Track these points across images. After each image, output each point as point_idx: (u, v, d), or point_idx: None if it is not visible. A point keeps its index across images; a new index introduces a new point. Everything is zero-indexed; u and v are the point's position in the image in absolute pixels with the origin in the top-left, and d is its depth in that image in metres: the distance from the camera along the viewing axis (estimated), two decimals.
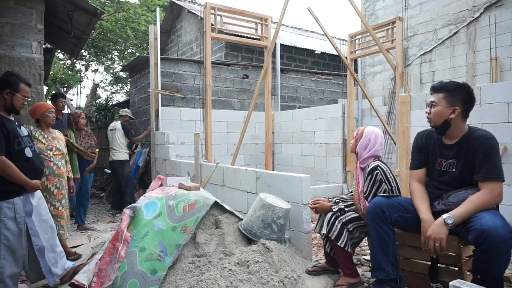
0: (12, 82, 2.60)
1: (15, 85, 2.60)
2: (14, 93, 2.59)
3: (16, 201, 2.53)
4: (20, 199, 2.56)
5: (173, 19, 12.57)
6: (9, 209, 2.49)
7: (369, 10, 9.44)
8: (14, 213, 2.51)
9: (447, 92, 2.18)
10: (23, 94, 2.65)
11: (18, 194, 2.55)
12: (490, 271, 1.83)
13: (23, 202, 2.58)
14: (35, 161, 2.69)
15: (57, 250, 2.86)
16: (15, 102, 2.61)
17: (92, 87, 16.67)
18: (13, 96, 2.59)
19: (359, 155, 2.62)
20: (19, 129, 2.67)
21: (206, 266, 2.54)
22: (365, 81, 9.64)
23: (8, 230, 2.47)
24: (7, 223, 2.47)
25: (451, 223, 1.96)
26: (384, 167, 2.48)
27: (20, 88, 2.62)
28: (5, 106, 2.60)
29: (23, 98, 2.65)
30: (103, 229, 4.91)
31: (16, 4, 4.44)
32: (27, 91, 2.67)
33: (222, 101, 7.90)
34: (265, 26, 5.94)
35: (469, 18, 7.30)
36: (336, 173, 6.88)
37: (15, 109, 2.65)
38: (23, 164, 2.57)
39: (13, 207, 2.51)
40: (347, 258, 2.55)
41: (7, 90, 2.58)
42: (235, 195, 3.91)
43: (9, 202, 2.49)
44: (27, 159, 2.62)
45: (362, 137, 2.60)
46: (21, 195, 2.57)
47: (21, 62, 4.43)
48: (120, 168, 6.04)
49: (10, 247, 2.48)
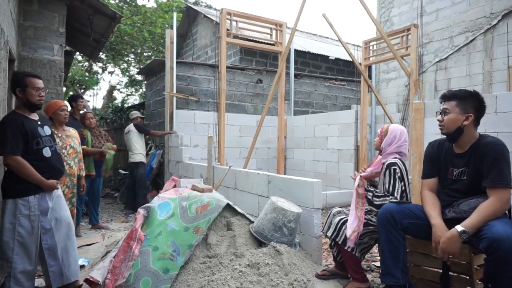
0: (18, 79, 2.63)
1: (21, 80, 2.61)
2: (25, 89, 2.61)
3: (31, 200, 2.56)
4: (36, 198, 2.58)
5: (189, 23, 12.74)
6: (24, 206, 2.53)
7: (384, 17, 9.41)
8: (29, 211, 2.54)
9: (459, 100, 2.18)
10: (34, 87, 2.63)
11: (34, 192, 2.58)
12: (501, 280, 1.83)
13: (38, 201, 2.60)
14: (52, 161, 2.71)
15: (72, 253, 2.80)
16: (29, 97, 2.62)
17: (109, 89, 17.00)
18: (25, 92, 2.61)
19: (383, 150, 2.65)
20: (42, 129, 2.71)
21: (217, 267, 2.58)
22: (379, 87, 9.59)
23: (22, 227, 2.51)
24: (21, 220, 2.52)
25: (466, 236, 1.96)
26: (401, 166, 2.50)
27: (27, 83, 2.61)
28: (24, 104, 2.64)
29: (36, 91, 2.64)
30: (117, 228, 5.00)
31: (39, 8, 4.59)
32: (36, 82, 2.65)
33: (235, 105, 7.97)
34: (280, 31, 5.99)
35: (487, 25, 7.22)
36: (348, 179, 6.85)
37: (32, 104, 2.65)
38: (41, 164, 2.61)
39: (28, 205, 2.54)
40: (355, 263, 2.56)
41: (17, 88, 2.61)
42: (246, 198, 3.95)
43: (24, 200, 2.53)
44: (45, 159, 2.65)
45: (388, 134, 2.64)
46: (38, 194, 2.60)
47: (43, 64, 4.58)
48: (135, 170, 6.19)
49: (24, 244, 2.52)
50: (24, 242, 2.51)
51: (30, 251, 2.55)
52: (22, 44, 4.51)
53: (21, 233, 2.50)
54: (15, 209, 2.51)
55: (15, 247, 2.48)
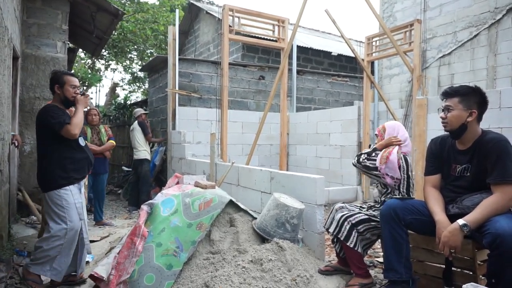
0: (58, 77, 2.77)
1: (60, 78, 2.76)
2: (63, 86, 2.75)
3: (72, 188, 2.71)
4: (75, 187, 2.74)
5: (191, 20, 12.72)
6: (67, 195, 2.66)
7: (387, 12, 9.35)
8: (73, 198, 2.69)
9: (462, 96, 2.17)
10: (71, 84, 2.78)
11: (71, 182, 2.72)
12: (504, 275, 1.83)
13: (77, 189, 2.76)
14: (86, 150, 2.88)
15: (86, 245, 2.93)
16: (66, 94, 2.76)
17: (111, 86, 17.02)
18: (63, 89, 2.76)
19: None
20: None
21: (220, 263, 2.59)
22: (382, 83, 9.56)
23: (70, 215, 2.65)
24: (69, 209, 2.66)
25: (467, 230, 1.96)
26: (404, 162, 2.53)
27: (65, 80, 2.76)
28: (61, 101, 2.79)
29: (72, 88, 2.78)
30: (120, 225, 5.03)
31: (43, 5, 4.61)
32: (72, 80, 2.80)
33: (238, 101, 7.97)
34: (282, 28, 5.97)
35: (491, 20, 7.16)
36: (351, 175, 6.86)
37: (68, 100, 2.79)
38: (77, 152, 2.77)
39: (71, 193, 2.68)
40: (358, 259, 2.56)
41: (56, 85, 2.76)
42: (249, 194, 3.96)
43: (66, 189, 2.67)
44: (81, 147, 2.81)
45: (387, 129, 2.74)
46: (74, 184, 2.74)
47: (46, 61, 4.60)
48: (139, 167, 6.24)
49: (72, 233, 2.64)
50: (75, 230, 2.64)
51: (75, 240, 2.68)
52: (25, 41, 4.52)
53: (72, 222, 2.62)
54: (61, 200, 2.62)
55: (67, 236, 2.59)
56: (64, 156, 2.70)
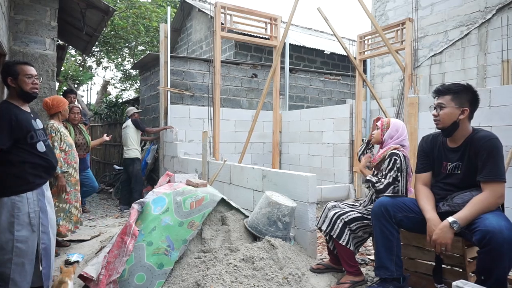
0: (9, 68, 2.46)
1: (12, 69, 2.45)
2: (16, 77, 2.44)
3: (30, 196, 2.39)
4: (34, 193, 2.42)
5: (183, 18, 12.64)
6: (22, 203, 2.35)
7: (379, 11, 9.39)
8: (28, 207, 2.37)
9: (454, 94, 2.19)
10: (25, 74, 2.46)
11: (31, 188, 2.41)
12: (494, 272, 1.84)
13: (37, 196, 2.44)
14: (48, 156, 2.53)
15: (53, 255, 2.63)
16: (22, 85, 2.45)
17: (103, 84, 16.85)
18: (17, 81, 2.45)
19: (385, 143, 2.68)
20: (35, 122, 2.53)
21: (211, 262, 2.58)
22: (374, 82, 9.61)
23: (21, 225, 2.32)
24: (20, 218, 2.33)
25: (457, 227, 1.97)
26: (403, 159, 2.51)
27: (18, 70, 2.45)
28: (18, 94, 2.48)
29: (29, 78, 2.47)
30: (111, 224, 4.98)
31: (31, 1, 4.52)
32: (27, 69, 2.48)
33: (230, 99, 7.95)
34: (275, 25, 5.96)
35: (481, 19, 7.23)
36: (343, 173, 6.88)
37: (27, 93, 2.48)
38: (36, 158, 2.44)
39: (26, 201, 2.36)
40: (350, 257, 2.57)
41: (9, 77, 2.45)
42: (241, 192, 3.95)
43: (21, 196, 2.35)
44: (39, 153, 2.47)
45: (390, 127, 2.68)
46: (35, 189, 2.43)
47: (34, 59, 4.52)
48: (130, 166, 6.17)
49: (24, 245, 2.31)
50: (25, 242, 2.31)
51: (30, 253, 2.34)
52: (13, 38, 4.44)
53: (20, 233, 2.30)
54: (12, 208, 2.31)
55: (14, 249, 2.28)
56: (20, 161, 2.38)
